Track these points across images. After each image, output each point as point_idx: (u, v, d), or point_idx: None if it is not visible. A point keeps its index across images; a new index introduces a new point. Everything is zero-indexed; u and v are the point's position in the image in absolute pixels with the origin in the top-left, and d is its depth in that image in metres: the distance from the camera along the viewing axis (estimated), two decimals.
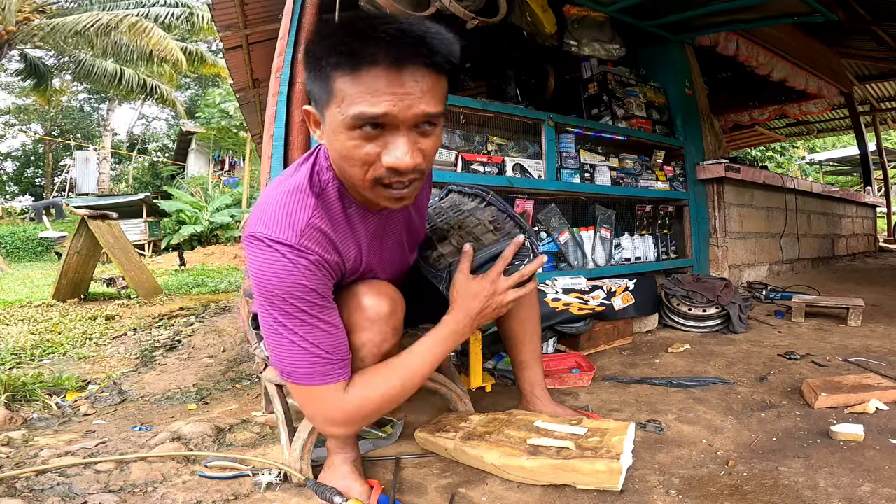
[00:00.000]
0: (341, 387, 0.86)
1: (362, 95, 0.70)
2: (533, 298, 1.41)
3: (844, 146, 13.59)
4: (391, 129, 0.73)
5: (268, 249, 0.78)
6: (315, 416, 0.90)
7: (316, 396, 0.86)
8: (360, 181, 0.78)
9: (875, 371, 1.72)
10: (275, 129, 1.88)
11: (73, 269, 4.39)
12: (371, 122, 0.71)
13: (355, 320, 0.91)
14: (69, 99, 19.51)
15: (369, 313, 0.92)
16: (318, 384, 0.84)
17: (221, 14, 3.20)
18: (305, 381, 0.84)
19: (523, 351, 1.41)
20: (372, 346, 0.93)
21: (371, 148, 0.73)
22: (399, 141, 0.73)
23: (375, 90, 0.69)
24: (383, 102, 0.69)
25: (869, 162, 6.74)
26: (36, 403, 1.94)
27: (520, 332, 1.39)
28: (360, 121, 0.71)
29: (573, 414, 1.38)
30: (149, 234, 11.19)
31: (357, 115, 0.70)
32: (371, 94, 0.69)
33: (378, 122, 0.71)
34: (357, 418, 0.89)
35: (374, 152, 0.74)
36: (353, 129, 0.72)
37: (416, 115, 0.72)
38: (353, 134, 0.72)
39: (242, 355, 2.65)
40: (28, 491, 1.12)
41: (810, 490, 1.03)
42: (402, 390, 0.92)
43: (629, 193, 2.92)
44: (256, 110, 5.01)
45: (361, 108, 0.70)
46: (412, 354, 0.94)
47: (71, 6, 10.38)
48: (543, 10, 2.66)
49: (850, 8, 3.57)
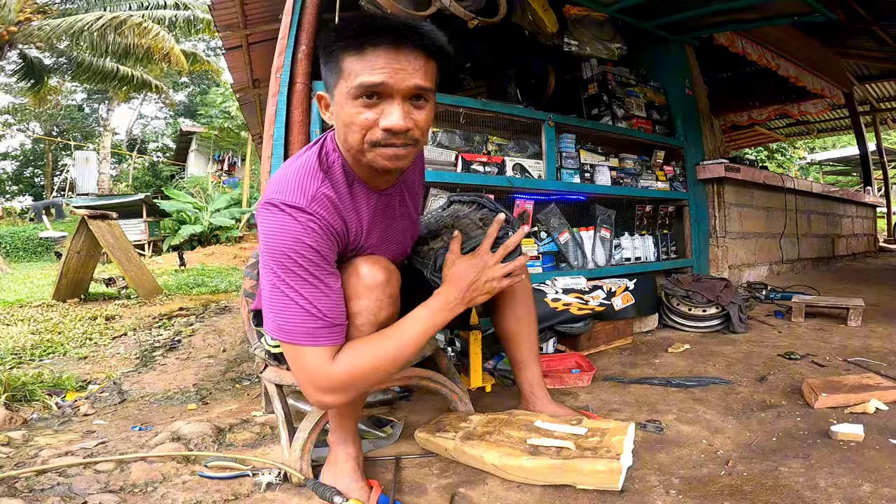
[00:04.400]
0: (331, 351, 0.88)
1: (365, 69, 0.83)
2: (528, 297, 1.42)
3: (844, 146, 13.59)
4: (387, 98, 0.85)
5: (280, 213, 0.86)
6: (303, 381, 0.90)
7: (306, 358, 0.87)
8: (358, 145, 0.88)
9: (875, 371, 1.72)
10: (275, 129, 1.88)
11: (73, 269, 4.38)
12: (370, 91, 0.84)
13: (352, 287, 0.94)
14: (66, 98, 19.49)
15: (366, 280, 0.94)
16: (309, 344, 0.87)
17: (221, 14, 3.19)
18: (298, 340, 0.86)
19: (521, 350, 1.42)
20: (368, 314, 0.94)
21: (370, 115, 0.85)
22: (394, 107, 0.84)
23: (376, 65, 0.83)
24: (381, 73, 0.82)
25: (869, 162, 6.74)
26: (36, 403, 1.93)
27: (516, 330, 1.40)
28: (361, 90, 0.83)
29: (573, 414, 1.38)
30: (149, 235, 11.18)
31: (359, 85, 0.83)
32: (372, 68, 0.83)
33: (375, 91, 0.84)
34: (344, 386, 0.89)
35: (373, 118, 0.85)
36: (356, 98, 0.84)
37: (409, 87, 0.84)
38: (356, 103, 0.85)
39: (242, 355, 2.65)
40: (28, 491, 1.12)
41: (810, 490, 1.03)
42: (392, 361, 0.92)
43: (629, 193, 2.92)
44: (256, 110, 5.01)
45: (363, 79, 0.83)
46: (404, 325, 0.95)
47: (72, 6, 10.37)
48: (544, 9, 2.66)
49: (850, 8, 3.57)
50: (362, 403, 1.18)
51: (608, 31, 3.00)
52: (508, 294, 1.39)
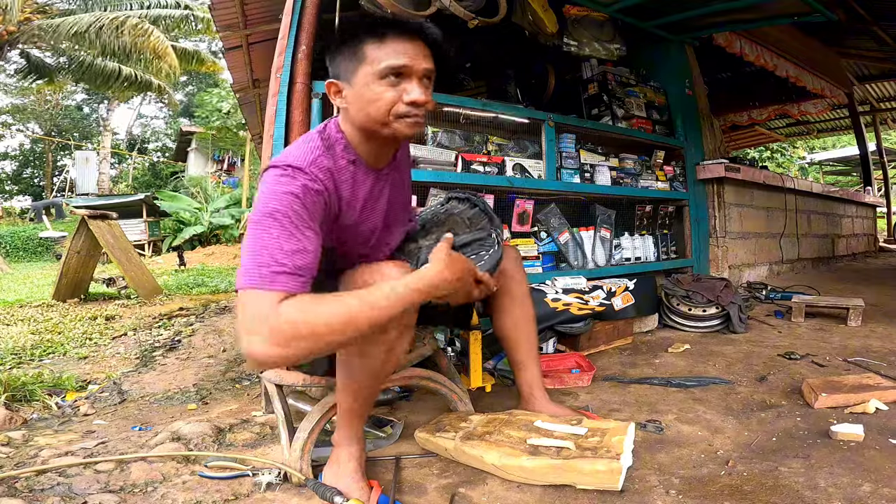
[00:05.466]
0: (279, 297, 0.81)
1: (389, 54, 0.97)
2: (526, 299, 1.43)
3: (844, 146, 13.59)
4: (407, 77, 0.99)
5: (281, 171, 0.94)
6: (241, 325, 0.80)
7: (254, 301, 0.81)
8: (384, 118, 1.00)
9: (875, 371, 1.72)
10: (275, 129, 1.88)
11: (73, 269, 4.38)
12: (395, 72, 0.97)
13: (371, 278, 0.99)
14: (66, 98, 19.48)
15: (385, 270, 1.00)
16: (258, 286, 0.82)
17: (221, 14, 3.19)
18: (249, 281, 0.82)
19: (519, 351, 1.43)
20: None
21: (394, 93, 0.99)
22: (415, 84, 0.99)
23: (397, 51, 0.98)
24: (404, 57, 0.98)
25: (869, 162, 6.74)
26: (36, 403, 1.93)
27: (513, 332, 1.42)
28: (388, 70, 0.97)
29: (572, 414, 1.38)
30: (149, 235, 11.18)
31: (386, 67, 0.97)
32: (396, 53, 0.97)
33: (399, 72, 0.98)
34: (283, 338, 0.79)
35: (397, 96, 0.99)
36: (383, 77, 0.98)
37: (424, 69, 1.00)
38: (382, 82, 0.98)
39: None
40: (28, 491, 1.12)
41: (810, 490, 1.03)
42: (344, 325, 0.82)
43: (629, 193, 2.92)
44: (256, 110, 5.01)
45: (389, 62, 0.97)
46: (375, 291, 0.87)
47: (72, 6, 10.37)
48: (544, 9, 2.66)
49: (850, 8, 3.57)
50: (372, 400, 1.16)
51: (608, 32, 3.00)
52: (507, 296, 1.40)
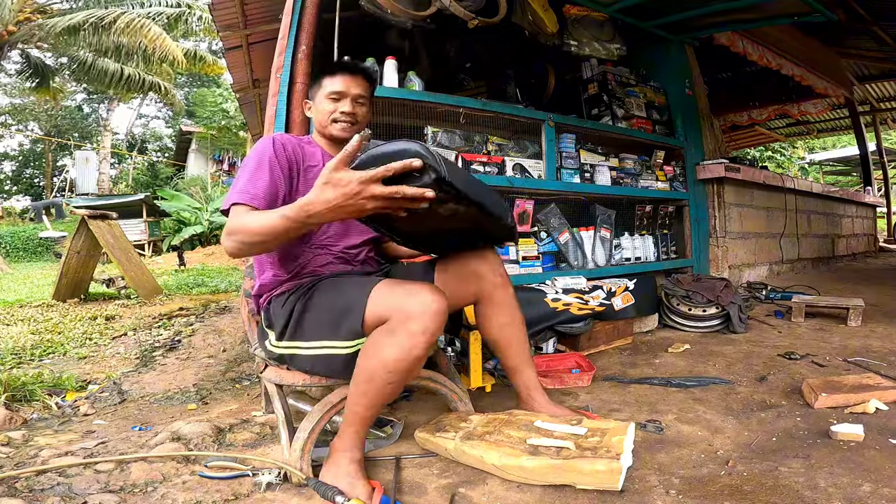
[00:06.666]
0: (247, 209, 1.17)
1: (332, 84, 1.40)
2: (510, 302, 1.42)
3: (844, 146, 13.59)
4: (343, 97, 1.41)
5: (265, 138, 1.34)
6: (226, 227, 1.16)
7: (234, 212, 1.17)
8: (326, 120, 1.41)
9: (875, 371, 1.72)
10: (275, 129, 1.88)
11: (73, 269, 4.38)
12: (335, 94, 1.40)
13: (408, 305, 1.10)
14: (66, 98, 19.45)
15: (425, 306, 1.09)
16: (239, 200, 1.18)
17: (221, 14, 3.19)
18: (236, 196, 1.18)
19: (510, 356, 1.44)
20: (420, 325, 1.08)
21: (334, 106, 1.41)
22: (348, 102, 1.40)
23: (337, 81, 1.40)
24: (340, 85, 1.40)
25: (869, 162, 6.74)
26: (36, 403, 1.93)
27: (501, 338, 1.43)
28: (332, 94, 1.40)
29: (571, 414, 1.38)
30: (149, 235, 11.18)
31: (330, 91, 1.40)
32: (336, 82, 1.40)
33: (337, 93, 1.40)
34: (231, 231, 1.13)
35: (335, 107, 1.41)
36: (327, 98, 1.41)
37: (354, 94, 1.41)
38: (328, 101, 1.41)
39: (242, 355, 2.65)
40: (28, 491, 1.12)
41: (810, 490, 1.03)
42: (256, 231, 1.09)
43: (629, 193, 2.92)
44: (256, 110, 5.01)
45: (332, 88, 1.40)
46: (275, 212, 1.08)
47: (72, 6, 10.36)
48: (544, 9, 2.66)
49: (850, 8, 3.57)
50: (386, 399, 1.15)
51: (608, 32, 3.00)
52: (489, 303, 1.40)
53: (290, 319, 1.21)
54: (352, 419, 1.14)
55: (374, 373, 1.08)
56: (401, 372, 1.08)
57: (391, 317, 1.08)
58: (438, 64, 3.35)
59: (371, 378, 1.08)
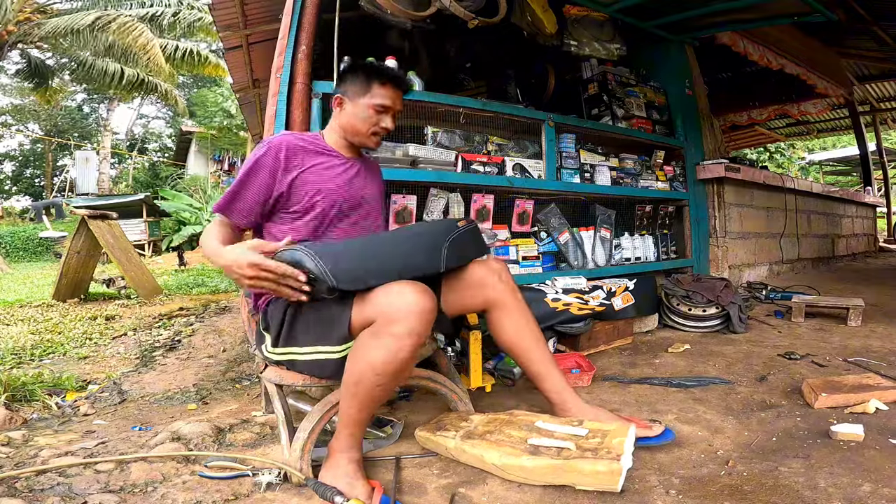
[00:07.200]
0: (224, 222, 1.32)
1: (383, 96, 1.41)
2: (519, 306, 1.39)
3: (844, 146, 13.58)
4: (388, 112, 1.43)
5: (262, 144, 1.36)
6: None
7: (213, 220, 1.33)
8: (366, 131, 1.42)
9: (875, 371, 1.72)
10: (275, 129, 1.88)
11: (73, 269, 4.38)
12: (382, 107, 1.41)
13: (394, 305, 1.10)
14: (65, 98, 19.45)
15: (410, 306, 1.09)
16: (216, 209, 1.33)
17: (221, 14, 3.19)
18: (216, 206, 1.33)
19: (532, 361, 1.38)
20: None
21: (377, 118, 1.41)
22: (389, 117, 1.44)
23: (387, 95, 1.41)
24: (389, 99, 1.41)
25: (869, 162, 6.74)
26: (36, 403, 1.93)
27: (517, 344, 1.39)
28: (379, 106, 1.40)
29: (611, 416, 1.32)
30: (149, 235, 11.18)
31: (378, 103, 1.40)
32: (386, 95, 1.41)
33: (384, 107, 1.41)
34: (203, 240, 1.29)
35: (377, 119, 1.42)
36: (373, 108, 1.40)
37: (398, 110, 1.45)
38: (372, 111, 1.41)
39: (242, 355, 2.65)
40: (28, 491, 1.12)
41: (810, 490, 1.03)
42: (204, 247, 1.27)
43: (629, 193, 2.92)
44: (256, 110, 5.00)
45: (382, 101, 1.41)
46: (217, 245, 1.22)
47: (72, 6, 10.35)
48: (544, 9, 2.66)
49: (850, 8, 3.56)
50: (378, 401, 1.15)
51: (608, 32, 3.00)
52: (498, 309, 1.38)
53: (283, 324, 1.21)
54: (346, 421, 1.14)
55: (362, 375, 1.08)
56: (389, 374, 1.07)
57: (376, 319, 1.08)
58: (438, 64, 3.35)
59: (360, 380, 1.08)
